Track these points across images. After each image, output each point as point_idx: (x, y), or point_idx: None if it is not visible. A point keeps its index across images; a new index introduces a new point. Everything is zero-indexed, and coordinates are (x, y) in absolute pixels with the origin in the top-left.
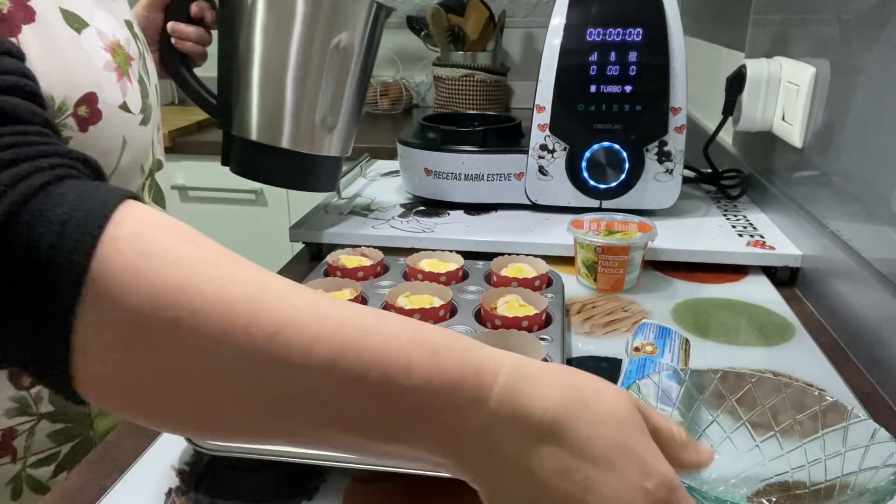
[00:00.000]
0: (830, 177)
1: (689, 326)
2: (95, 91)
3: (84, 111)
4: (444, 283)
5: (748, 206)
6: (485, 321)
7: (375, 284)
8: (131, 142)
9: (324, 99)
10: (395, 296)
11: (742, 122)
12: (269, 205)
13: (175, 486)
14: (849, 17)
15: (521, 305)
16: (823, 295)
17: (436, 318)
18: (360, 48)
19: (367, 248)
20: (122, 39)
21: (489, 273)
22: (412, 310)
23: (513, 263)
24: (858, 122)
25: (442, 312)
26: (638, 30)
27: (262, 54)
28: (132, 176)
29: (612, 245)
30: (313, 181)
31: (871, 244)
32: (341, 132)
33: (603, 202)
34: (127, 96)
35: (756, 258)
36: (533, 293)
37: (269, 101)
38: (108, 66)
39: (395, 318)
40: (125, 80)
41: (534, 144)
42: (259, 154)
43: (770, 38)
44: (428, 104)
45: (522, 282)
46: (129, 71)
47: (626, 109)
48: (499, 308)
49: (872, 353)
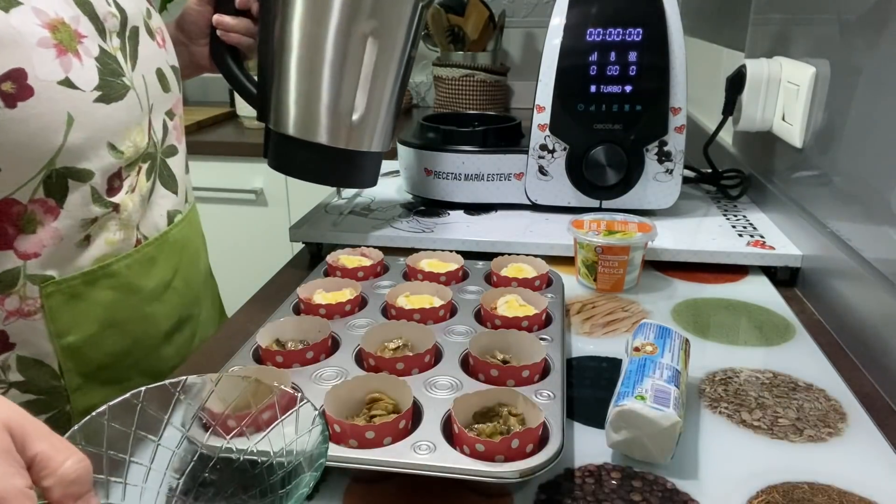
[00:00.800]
0: (830, 177)
1: (689, 326)
2: (24, 67)
3: (9, 87)
4: (444, 282)
5: (748, 206)
6: (485, 321)
7: (375, 284)
8: (81, 119)
9: (362, 93)
10: (395, 296)
11: (742, 122)
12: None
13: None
14: (849, 17)
15: (521, 305)
16: (823, 295)
17: (436, 317)
18: (400, 39)
19: (367, 248)
20: (68, 17)
21: (489, 273)
22: (412, 310)
23: (513, 263)
24: (858, 122)
25: (442, 312)
26: (638, 30)
27: (298, 46)
28: (93, 154)
29: (612, 245)
30: (352, 178)
31: (871, 244)
32: (381, 127)
33: (603, 202)
34: (71, 72)
35: (756, 258)
36: (533, 293)
37: (304, 95)
38: (44, 42)
39: None
40: (69, 56)
41: (534, 144)
42: (295, 150)
43: (770, 38)
44: (428, 104)
45: (522, 282)
46: (76, 48)
47: (625, 109)
48: (499, 308)
49: (872, 353)
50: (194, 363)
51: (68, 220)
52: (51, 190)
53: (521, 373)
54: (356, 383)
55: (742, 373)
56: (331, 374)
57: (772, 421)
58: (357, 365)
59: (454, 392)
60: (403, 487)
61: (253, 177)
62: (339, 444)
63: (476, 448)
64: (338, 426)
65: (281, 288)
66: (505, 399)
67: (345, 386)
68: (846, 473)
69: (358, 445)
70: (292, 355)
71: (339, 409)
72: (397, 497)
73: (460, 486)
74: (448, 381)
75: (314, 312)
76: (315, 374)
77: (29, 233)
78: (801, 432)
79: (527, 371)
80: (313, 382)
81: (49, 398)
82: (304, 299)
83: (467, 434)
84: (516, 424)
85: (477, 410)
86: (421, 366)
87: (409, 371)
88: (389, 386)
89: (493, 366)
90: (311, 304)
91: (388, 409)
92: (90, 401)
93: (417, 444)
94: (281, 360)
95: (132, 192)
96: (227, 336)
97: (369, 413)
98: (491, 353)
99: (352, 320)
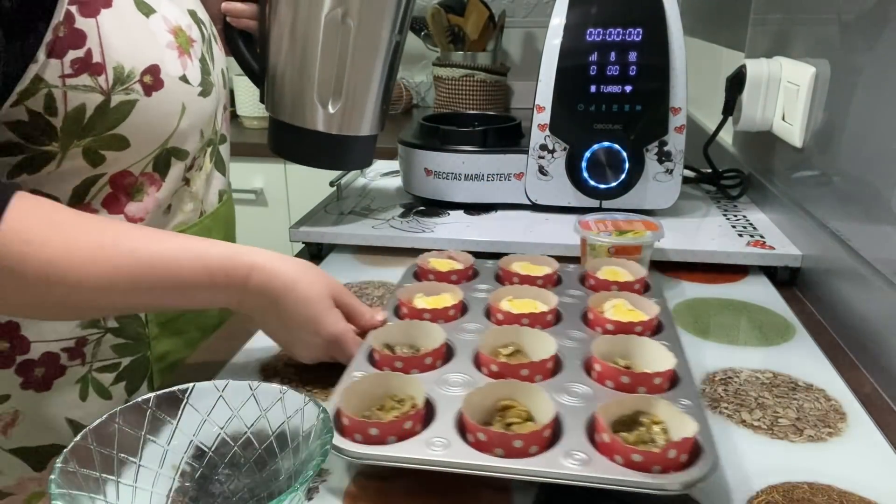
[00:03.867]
0: (830, 177)
1: (689, 327)
2: (158, 63)
3: (149, 79)
4: (542, 286)
5: (748, 206)
6: (593, 325)
7: (472, 288)
8: (189, 108)
9: (345, 78)
10: (497, 299)
11: (742, 122)
12: (269, 205)
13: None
14: (849, 17)
15: (629, 310)
16: (823, 295)
17: (544, 322)
18: (382, 23)
19: (454, 251)
20: (184, 25)
21: (583, 276)
22: (520, 314)
23: (606, 266)
24: (858, 122)
25: (549, 317)
26: (638, 30)
27: (281, 32)
28: (191, 137)
29: (626, 245)
30: (344, 161)
31: (871, 244)
32: (370, 111)
33: (603, 202)
34: (186, 70)
35: (756, 258)
36: (638, 297)
37: (291, 81)
38: (171, 45)
39: (179, 241)
40: (185, 57)
41: (534, 144)
42: (292, 135)
43: (770, 38)
44: (428, 104)
45: (623, 285)
46: (189, 50)
47: (625, 109)
48: (606, 312)
49: (872, 353)
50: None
51: (165, 192)
52: (158, 165)
53: (652, 380)
54: (488, 390)
55: (742, 373)
56: (457, 381)
57: (772, 421)
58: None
59: (585, 401)
60: (404, 487)
61: (253, 177)
62: (484, 452)
63: (632, 458)
64: (482, 434)
65: None
66: (644, 407)
67: (478, 393)
68: (846, 473)
69: (504, 454)
70: (412, 361)
71: (474, 417)
72: (397, 497)
73: (461, 487)
74: (580, 390)
75: (418, 317)
76: (440, 380)
77: (137, 201)
78: (802, 432)
79: (659, 378)
80: (438, 388)
81: (135, 343)
82: (405, 303)
83: (622, 444)
84: (660, 433)
85: (616, 419)
86: (543, 372)
87: (533, 378)
88: (520, 393)
89: (624, 372)
90: (414, 308)
91: (522, 416)
92: (164, 348)
93: (570, 453)
94: (401, 365)
95: (199, 171)
96: (227, 336)
97: (503, 421)
98: (612, 360)
99: (458, 325)
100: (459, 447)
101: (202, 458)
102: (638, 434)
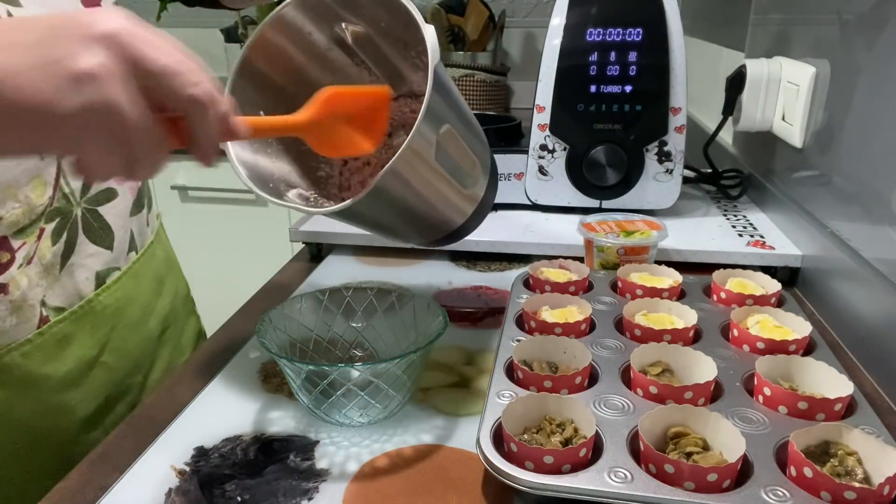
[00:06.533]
0: (830, 177)
1: None
2: None
3: None
4: (668, 298)
5: (748, 206)
6: (739, 343)
7: (593, 300)
8: None
9: (455, 179)
10: (631, 313)
11: (742, 122)
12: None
13: (175, 486)
14: (849, 17)
15: (776, 326)
16: (823, 295)
17: (686, 339)
18: (454, 115)
19: (564, 260)
20: None
21: (708, 287)
22: (662, 330)
23: (733, 278)
24: (858, 122)
25: (692, 333)
26: (638, 30)
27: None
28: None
29: (634, 245)
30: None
31: (871, 244)
32: (480, 174)
33: (603, 202)
34: None
35: (756, 258)
36: (784, 313)
37: (438, 213)
38: None
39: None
40: None
41: (534, 144)
42: (451, 239)
43: (770, 38)
44: None
45: (759, 299)
46: None
47: (625, 109)
48: (751, 329)
49: (872, 353)
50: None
51: None
52: None
53: (833, 406)
54: (658, 416)
55: None
56: (616, 404)
57: None
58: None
59: (763, 427)
60: (404, 487)
61: None
62: (670, 484)
63: (844, 496)
64: (670, 466)
65: (281, 288)
66: (834, 437)
67: (648, 418)
68: None
69: (695, 489)
70: (562, 380)
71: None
72: (397, 497)
73: (461, 487)
74: (753, 416)
75: (549, 331)
76: (595, 403)
77: None
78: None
79: (839, 405)
80: (597, 410)
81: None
82: (533, 316)
83: (832, 479)
84: (856, 465)
85: (802, 449)
86: (706, 395)
87: (696, 401)
88: (693, 418)
89: (802, 398)
90: (544, 322)
91: (699, 445)
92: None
93: (769, 489)
94: (550, 384)
95: (27, 265)
96: (227, 336)
97: (679, 450)
98: (774, 382)
99: (594, 340)
100: (642, 479)
101: None
102: (832, 465)
